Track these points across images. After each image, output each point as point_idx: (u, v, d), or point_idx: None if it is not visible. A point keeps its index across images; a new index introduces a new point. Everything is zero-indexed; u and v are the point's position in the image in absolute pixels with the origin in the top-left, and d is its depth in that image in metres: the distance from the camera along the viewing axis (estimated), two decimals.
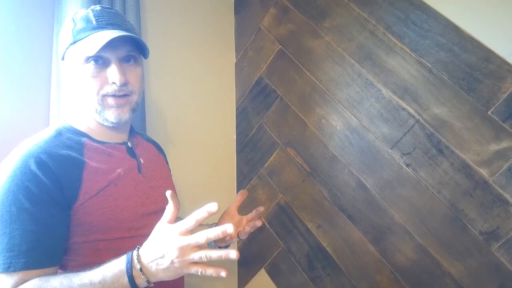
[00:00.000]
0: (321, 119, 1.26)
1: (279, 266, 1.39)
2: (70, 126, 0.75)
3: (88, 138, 0.74)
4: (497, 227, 0.94)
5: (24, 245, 0.60)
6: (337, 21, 1.23)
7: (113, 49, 0.69)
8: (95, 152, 0.73)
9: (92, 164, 0.70)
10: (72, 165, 0.68)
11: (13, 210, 0.61)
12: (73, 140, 0.72)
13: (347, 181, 1.21)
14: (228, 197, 1.52)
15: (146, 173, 0.81)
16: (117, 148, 0.77)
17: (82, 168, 0.68)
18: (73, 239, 0.68)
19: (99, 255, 0.69)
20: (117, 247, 0.71)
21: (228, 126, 1.53)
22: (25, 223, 0.61)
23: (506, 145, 0.93)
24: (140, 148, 0.86)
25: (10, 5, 0.92)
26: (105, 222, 0.69)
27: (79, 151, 0.71)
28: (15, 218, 0.60)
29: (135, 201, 0.75)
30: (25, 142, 0.68)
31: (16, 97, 0.94)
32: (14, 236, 0.60)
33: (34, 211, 0.61)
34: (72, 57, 0.71)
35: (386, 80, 1.12)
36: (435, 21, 1.03)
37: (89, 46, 0.68)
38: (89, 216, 0.68)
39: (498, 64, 0.94)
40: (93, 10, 0.73)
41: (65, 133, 0.72)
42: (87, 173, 0.68)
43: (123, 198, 0.73)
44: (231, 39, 1.54)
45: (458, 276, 1.00)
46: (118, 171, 0.74)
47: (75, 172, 0.67)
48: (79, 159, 0.69)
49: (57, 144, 0.68)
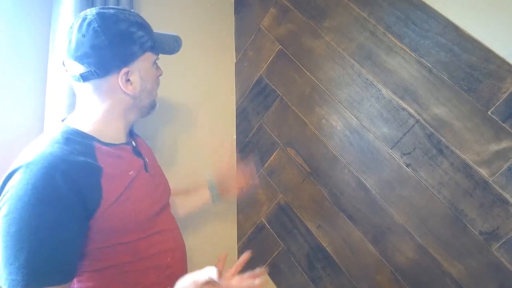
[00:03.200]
0: (321, 119, 1.26)
1: (279, 266, 1.39)
2: (74, 128, 0.72)
3: (97, 141, 0.72)
4: (497, 227, 0.94)
5: (43, 262, 0.58)
6: (337, 21, 1.23)
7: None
8: (106, 156, 0.71)
9: (108, 170, 0.69)
10: (90, 173, 0.66)
11: (33, 225, 0.58)
12: (84, 145, 0.69)
13: (347, 181, 1.21)
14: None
15: (151, 171, 0.83)
16: (124, 149, 0.77)
17: (100, 176, 0.67)
18: (92, 245, 0.67)
19: (117, 257, 0.70)
20: (135, 248, 0.72)
21: (228, 126, 1.53)
22: (45, 239, 0.59)
23: (506, 145, 0.93)
24: (142, 147, 0.87)
25: (6, 6, 0.91)
26: (124, 226, 0.69)
27: (92, 156, 0.69)
28: (34, 233, 0.58)
29: (148, 202, 0.76)
30: (33, 151, 0.64)
31: (10, 99, 0.92)
32: (33, 252, 0.58)
33: (55, 227, 0.60)
34: (144, 60, 0.75)
35: (386, 80, 1.12)
36: (435, 21, 1.03)
37: (166, 48, 0.80)
38: (110, 222, 0.67)
39: (498, 64, 0.94)
40: (135, 13, 0.77)
41: (73, 138, 0.69)
42: (105, 181, 0.67)
43: (139, 200, 0.73)
44: (231, 39, 1.54)
45: (458, 276, 1.00)
46: (130, 174, 0.74)
47: (94, 180, 0.66)
48: (96, 166, 0.68)
49: (71, 151, 0.66)
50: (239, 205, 1.53)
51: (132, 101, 0.76)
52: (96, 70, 0.69)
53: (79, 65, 0.70)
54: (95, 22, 0.69)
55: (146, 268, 0.73)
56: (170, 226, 0.83)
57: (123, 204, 0.69)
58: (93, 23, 0.69)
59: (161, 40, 0.80)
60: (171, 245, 0.80)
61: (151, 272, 0.74)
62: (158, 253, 0.76)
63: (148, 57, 0.76)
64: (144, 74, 0.76)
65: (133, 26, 0.72)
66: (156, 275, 0.75)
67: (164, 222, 0.81)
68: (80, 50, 0.69)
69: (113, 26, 0.70)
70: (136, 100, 0.77)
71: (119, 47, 0.70)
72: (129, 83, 0.73)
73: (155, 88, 0.81)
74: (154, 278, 0.74)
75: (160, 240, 0.77)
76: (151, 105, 0.82)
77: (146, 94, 0.78)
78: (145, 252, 0.73)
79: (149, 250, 0.74)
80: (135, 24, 0.73)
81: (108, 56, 0.69)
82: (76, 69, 0.71)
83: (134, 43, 0.72)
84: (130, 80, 0.73)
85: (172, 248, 0.80)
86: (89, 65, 0.69)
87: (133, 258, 0.72)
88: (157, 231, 0.77)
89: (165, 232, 0.80)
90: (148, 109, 0.82)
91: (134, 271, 0.72)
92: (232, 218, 1.53)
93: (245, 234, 1.50)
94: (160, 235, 0.78)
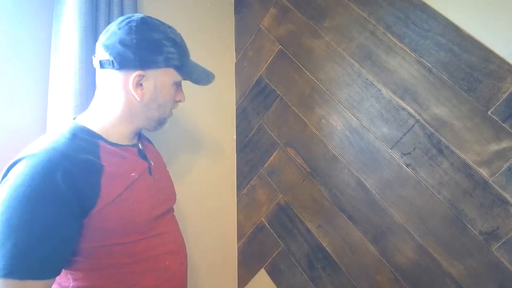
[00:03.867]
0: (321, 119, 1.26)
1: (279, 266, 1.39)
2: (83, 126, 0.73)
3: (103, 140, 0.73)
4: (497, 227, 0.94)
5: (29, 255, 0.58)
6: (337, 21, 1.23)
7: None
8: (110, 155, 0.72)
9: (109, 169, 0.69)
10: (91, 171, 0.66)
11: (24, 217, 0.58)
12: (89, 142, 0.70)
13: (347, 181, 1.21)
14: (228, 197, 1.52)
15: (155, 175, 0.83)
16: (129, 151, 0.78)
17: (100, 174, 0.67)
18: (87, 244, 0.67)
19: (113, 257, 0.69)
20: (133, 249, 0.71)
21: (228, 126, 1.53)
22: (34, 232, 0.59)
23: (506, 145, 0.93)
24: (149, 150, 0.87)
25: (8, 4, 0.91)
26: (122, 227, 0.69)
27: (95, 154, 0.69)
28: (24, 226, 0.58)
29: (148, 204, 0.75)
30: (40, 144, 0.66)
31: (12, 99, 0.92)
32: (20, 243, 0.58)
33: (48, 221, 0.60)
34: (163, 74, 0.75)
35: (386, 80, 1.12)
36: (435, 21, 1.03)
37: (193, 76, 0.81)
38: (106, 222, 0.67)
39: (498, 64, 0.94)
40: (179, 34, 0.79)
41: (80, 135, 0.71)
42: (105, 179, 0.67)
43: (138, 202, 0.73)
44: (231, 39, 1.54)
45: (458, 276, 1.00)
46: (132, 175, 0.74)
47: (94, 178, 0.66)
48: (97, 164, 0.68)
49: (75, 148, 0.67)
50: (239, 205, 1.53)
51: (140, 107, 0.77)
52: (114, 60, 0.72)
53: (104, 53, 0.73)
54: (135, 22, 0.73)
55: (144, 270, 0.73)
56: (171, 229, 0.83)
57: (122, 205, 0.69)
58: (133, 23, 0.73)
59: (193, 68, 0.82)
60: (171, 248, 0.79)
61: (149, 274, 0.74)
62: (157, 255, 0.75)
63: (171, 74, 0.77)
64: (160, 87, 0.76)
65: (168, 41, 0.75)
66: (154, 278, 0.74)
67: (165, 225, 0.81)
68: (110, 39, 0.73)
69: (147, 31, 0.73)
70: (145, 109, 0.77)
71: (143, 50, 0.72)
72: (141, 87, 0.74)
73: (167, 106, 0.81)
74: (152, 280, 0.74)
75: (160, 243, 0.77)
76: (160, 120, 0.82)
77: (156, 106, 0.78)
78: (143, 254, 0.73)
79: (147, 252, 0.74)
80: (171, 40, 0.75)
81: (130, 53, 0.71)
82: (100, 55, 0.74)
83: (160, 53, 0.74)
84: (143, 85, 0.74)
85: (172, 251, 0.79)
86: (110, 55, 0.72)
87: (131, 260, 0.71)
88: (157, 233, 0.76)
89: (166, 234, 0.79)
90: (156, 123, 0.82)
91: (132, 273, 0.71)
92: (232, 218, 1.53)
93: (245, 234, 1.50)
94: (160, 237, 0.77)
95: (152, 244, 0.75)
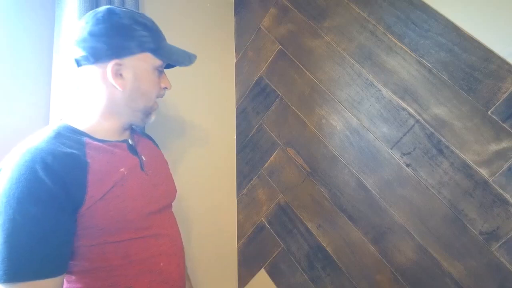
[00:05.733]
0: (321, 119, 1.26)
1: (279, 266, 1.39)
2: (68, 125, 0.73)
3: (89, 137, 0.72)
4: (497, 227, 0.94)
5: (28, 256, 0.58)
6: (337, 21, 1.23)
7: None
8: (97, 151, 0.71)
9: (95, 165, 0.68)
10: (75, 166, 0.65)
11: (17, 219, 0.58)
12: (74, 140, 0.70)
13: (347, 181, 1.21)
14: (228, 197, 1.52)
15: (148, 170, 0.80)
16: (118, 146, 0.76)
17: (86, 171, 0.66)
18: (79, 242, 0.66)
19: (106, 258, 0.68)
20: (125, 249, 0.70)
21: (228, 126, 1.53)
22: (30, 232, 0.58)
23: (506, 145, 0.93)
24: (141, 145, 0.85)
25: (11, 4, 0.91)
26: (113, 224, 0.68)
27: (81, 150, 0.68)
28: (19, 227, 0.58)
29: (141, 201, 0.74)
30: (23, 144, 0.65)
31: (16, 97, 0.93)
32: (16, 246, 0.57)
33: (41, 219, 0.59)
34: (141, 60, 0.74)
35: (386, 80, 1.12)
36: (435, 21, 1.03)
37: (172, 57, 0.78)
38: (96, 219, 0.66)
39: (498, 64, 0.94)
40: (149, 17, 0.78)
41: (64, 133, 0.70)
42: (91, 176, 0.66)
43: (130, 198, 0.71)
44: (231, 39, 1.54)
45: (458, 276, 1.00)
46: (121, 171, 0.72)
47: (79, 174, 0.65)
48: (82, 160, 0.67)
49: (58, 145, 0.66)
50: (239, 205, 1.53)
51: (124, 99, 0.75)
52: (88, 55, 0.71)
53: (77, 49, 0.73)
54: (101, 13, 0.72)
55: (138, 272, 0.71)
56: (168, 230, 0.81)
57: (113, 201, 0.68)
58: (99, 14, 0.72)
59: (171, 50, 0.80)
60: (166, 250, 0.77)
61: (144, 277, 0.72)
62: (151, 257, 0.74)
63: (148, 58, 0.75)
64: (140, 74, 0.74)
65: (138, 25, 0.73)
66: (149, 280, 0.72)
67: (162, 225, 0.79)
68: (80, 35, 0.72)
69: (115, 19, 0.72)
70: (128, 100, 0.75)
71: (114, 38, 0.71)
72: (121, 77, 0.73)
73: (152, 94, 0.78)
74: (147, 283, 0.72)
75: (155, 244, 0.75)
76: (146, 111, 0.79)
77: (140, 95, 0.76)
78: (137, 255, 0.71)
79: (141, 253, 0.72)
80: (141, 24, 0.74)
81: (102, 44, 0.71)
82: (74, 54, 0.73)
83: (132, 38, 0.72)
84: (123, 75, 0.73)
85: (167, 253, 0.77)
86: (84, 50, 0.72)
87: (124, 261, 0.70)
88: (152, 233, 0.75)
89: (161, 235, 0.77)
90: (142, 115, 0.79)
91: (125, 275, 0.70)
92: (232, 218, 1.53)
93: (245, 234, 1.50)
94: (155, 237, 0.75)
95: (146, 244, 0.73)
